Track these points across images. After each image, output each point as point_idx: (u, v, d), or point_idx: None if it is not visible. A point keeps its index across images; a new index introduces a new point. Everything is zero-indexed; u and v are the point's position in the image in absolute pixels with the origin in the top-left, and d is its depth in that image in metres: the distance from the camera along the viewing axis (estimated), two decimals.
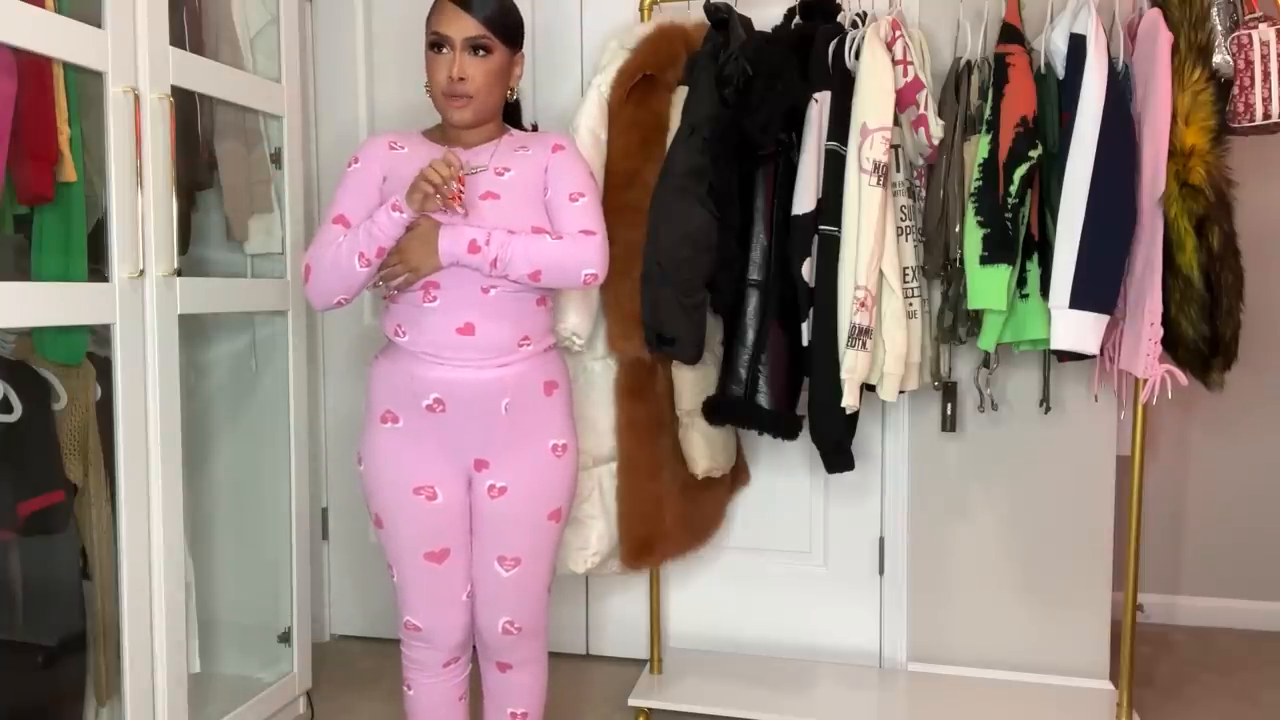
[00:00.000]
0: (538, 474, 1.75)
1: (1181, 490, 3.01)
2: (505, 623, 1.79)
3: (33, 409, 1.85)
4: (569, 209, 1.72)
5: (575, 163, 1.78)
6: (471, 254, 1.62)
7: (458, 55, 1.67)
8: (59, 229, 1.81)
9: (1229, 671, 2.67)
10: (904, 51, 1.99)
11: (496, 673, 1.87)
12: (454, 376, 1.67)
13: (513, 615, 1.79)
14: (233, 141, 2.28)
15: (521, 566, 1.77)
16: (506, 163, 1.74)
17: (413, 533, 1.74)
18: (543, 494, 1.76)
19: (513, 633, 1.80)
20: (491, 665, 1.87)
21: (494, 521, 1.74)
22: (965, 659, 2.50)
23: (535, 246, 1.65)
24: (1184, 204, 1.90)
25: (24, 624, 1.91)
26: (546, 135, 1.82)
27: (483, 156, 1.74)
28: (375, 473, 1.75)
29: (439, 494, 1.73)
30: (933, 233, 2.11)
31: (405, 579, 1.77)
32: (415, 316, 1.69)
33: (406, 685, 1.85)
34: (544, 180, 1.75)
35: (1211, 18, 1.89)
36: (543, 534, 1.78)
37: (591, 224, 1.71)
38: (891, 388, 1.99)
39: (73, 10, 1.71)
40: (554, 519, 1.79)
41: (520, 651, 1.84)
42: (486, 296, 1.67)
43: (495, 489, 1.73)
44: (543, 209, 1.73)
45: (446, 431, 1.71)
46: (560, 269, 1.66)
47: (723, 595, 2.66)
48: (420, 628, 1.79)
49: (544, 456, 1.75)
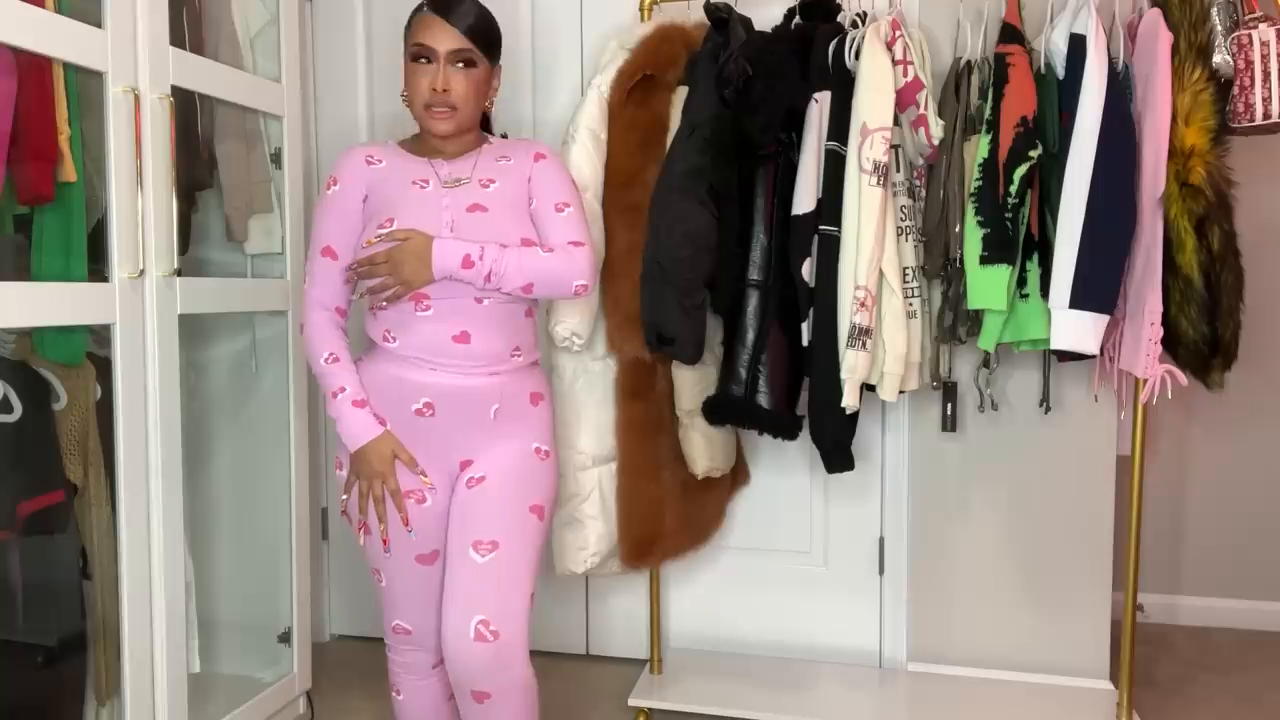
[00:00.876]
0: (519, 467, 1.73)
1: (1181, 490, 3.01)
2: (479, 624, 1.58)
3: (33, 409, 1.85)
4: (556, 220, 1.72)
5: (558, 172, 1.78)
6: (465, 269, 1.62)
7: (441, 67, 1.66)
8: (59, 229, 1.81)
9: (1229, 671, 2.67)
10: (904, 51, 1.99)
11: (474, 705, 1.62)
12: (447, 382, 1.67)
13: (487, 614, 1.59)
14: (233, 141, 2.28)
15: (499, 553, 1.64)
16: (490, 174, 1.74)
17: (404, 536, 1.72)
18: (524, 484, 1.72)
19: (488, 638, 1.58)
20: (466, 697, 1.63)
21: (471, 505, 1.69)
22: (965, 659, 2.50)
23: (528, 260, 1.65)
24: (1184, 204, 1.90)
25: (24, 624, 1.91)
26: (527, 144, 1.82)
27: (464, 168, 1.74)
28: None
29: (427, 497, 1.72)
30: (933, 233, 2.11)
31: (394, 582, 1.76)
32: (406, 323, 1.68)
33: (395, 691, 1.84)
34: (528, 190, 1.75)
35: (1211, 18, 1.89)
36: (524, 523, 1.69)
37: (579, 235, 1.72)
38: (891, 388, 1.99)
39: (73, 10, 1.71)
40: (536, 513, 1.72)
41: (499, 673, 1.60)
42: (480, 306, 1.67)
43: (475, 479, 1.71)
44: (528, 219, 1.73)
45: (434, 435, 1.70)
46: (553, 281, 1.67)
47: (723, 595, 2.66)
48: (410, 630, 1.78)
49: (527, 455, 1.74)
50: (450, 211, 1.68)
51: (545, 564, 1.90)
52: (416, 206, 1.68)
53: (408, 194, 1.70)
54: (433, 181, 1.72)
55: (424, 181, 1.72)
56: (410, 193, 1.71)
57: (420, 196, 1.70)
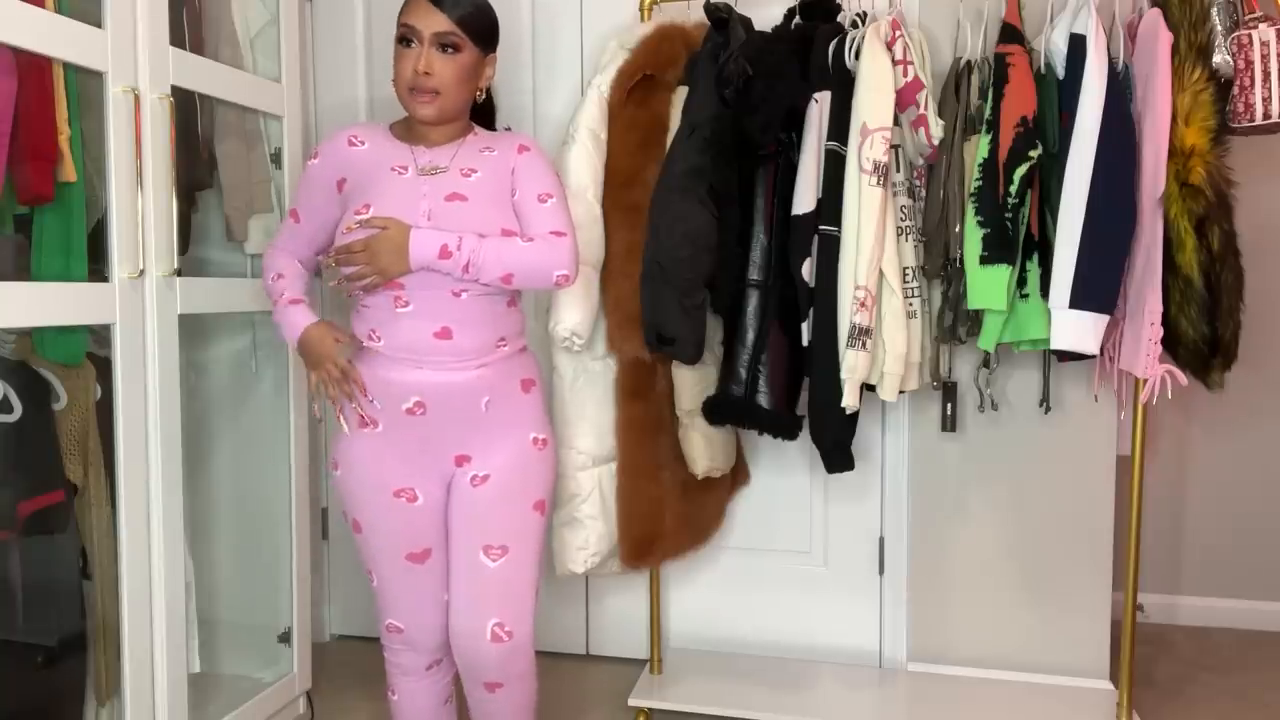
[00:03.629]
0: (520, 463, 1.74)
1: (1181, 490, 3.01)
2: (495, 626, 1.68)
3: (33, 409, 1.85)
4: (538, 210, 1.71)
5: (542, 164, 1.77)
6: (443, 259, 1.61)
7: (425, 50, 1.66)
8: (59, 229, 1.81)
9: (1229, 671, 2.67)
10: (904, 51, 1.99)
11: (485, 694, 1.74)
12: (435, 379, 1.67)
13: (502, 617, 1.68)
14: (233, 141, 2.28)
15: (509, 556, 1.70)
16: (472, 164, 1.73)
17: (394, 535, 1.73)
18: (526, 482, 1.74)
19: (504, 639, 1.68)
20: (478, 686, 1.73)
21: (478, 508, 1.71)
22: (965, 659, 2.50)
23: (507, 250, 1.64)
24: (1184, 204, 1.90)
25: (24, 624, 1.90)
26: (512, 136, 1.81)
27: (444, 156, 1.73)
28: (354, 478, 1.73)
29: (419, 495, 1.72)
30: (933, 233, 2.11)
31: (386, 581, 1.76)
32: (388, 321, 1.68)
33: (391, 691, 1.84)
34: (511, 182, 1.74)
35: (1211, 18, 1.89)
36: (528, 523, 1.74)
37: (561, 225, 1.71)
38: (891, 388, 1.99)
39: (73, 10, 1.71)
40: (538, 510, 1.76)
41: (512, 664, 1.71)
42: (458, 300, 1.66)
43: (478, 478, 1.72)
44: (510, 210, 1.72)
45: (427, 432, 1.70)
46: (532, 271, 1.66)
47: (723, 595, 2.66)
48: (403, 629, 1.78)
49: (526, 447, 1.75)
50: (428, 200, 1.67)
51: (545, 564, 1.91)
52: (393, 193, 1.68)
53: (386, 179, 1.70)
54: (411, 168, 1.72)
55: (402, 168, 1.72)
56: (388, 178, 1.70)
57: (398, 183, 1.70)
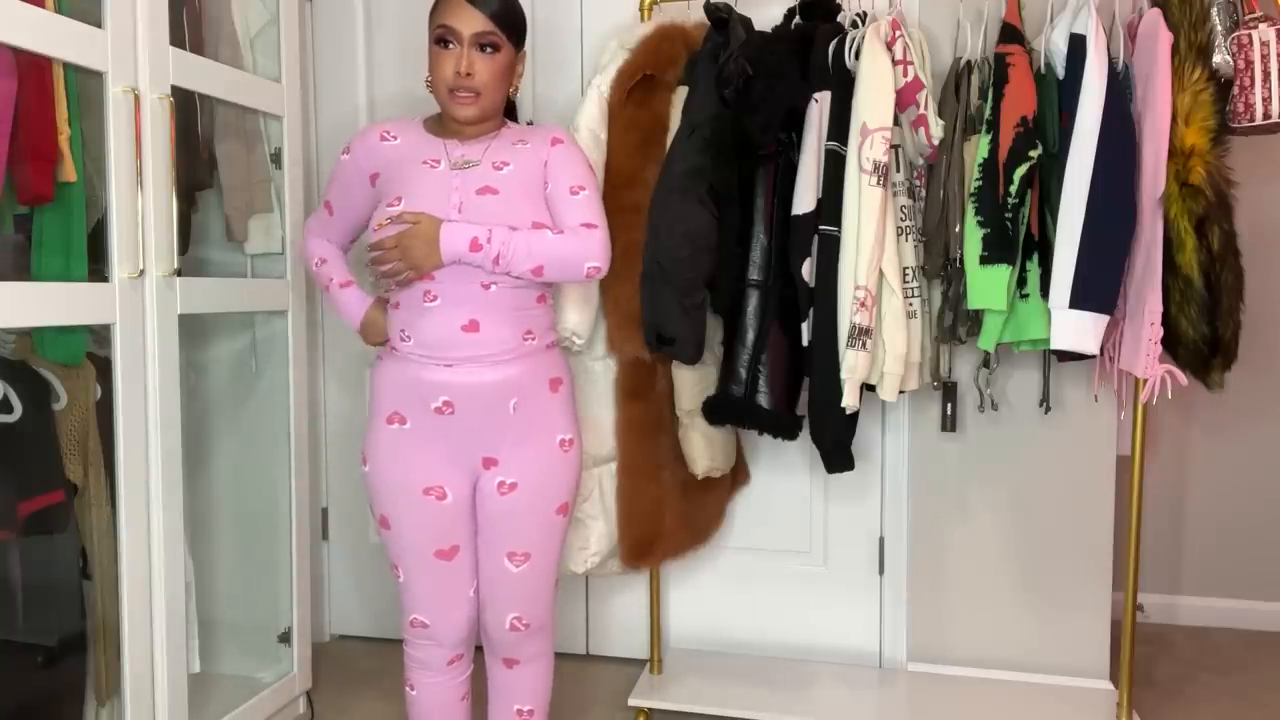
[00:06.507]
0: (546, 469, 1.76)
1: (1181, 490, 3.01)
2: (514, 619, 1.79)
3: (33, 409, 1.85)
4: (570, 202, 1.72)
5: (575, 156, 1.78)
6: (474, 251, 1.62)
7: (465, 51, 1.66)
8: (59, 229, 1.81)
9: (1229, 671, 2.67)
10: (904, 51, 1.99)
11: (503, 669, 1.87)
12: (462, 380, 1.68)
13: (521, 611, 1.79)
14: (233, 141, 2.28)
15: (531, 562, 1.77)
16: (505, 157, 1.74)
17: (423, 532, 1.74)
18: (551, 489, 1.77)
19: (520, 629, 1.80)
20: (498, 661, 1.87)
21: (504, 518, 1.75)
22: (965, 659, 2.50)
23: (537, 242, 1.65)
24: (1184, 204, 1.90)
25: (24, 624, 1.90)
26: (544, 128, 1.82)
27: (477, 150, 1.74)
28: (383, 474, 1.75)
29: (448, 494, 1.73)
30: (933, 233, 2.11)
31: (413, 577, 1.77)
32: (417, 319, 1.69)
33: (409, 685, 1.85)
34: (543, 174, 1.74)
35: (1211, 18, 1.89)
36: (551, 529, 1.78)
37: (593, 217, 1.71)
38: (891, 388, 1.99)
39: (73, 10, 1.71)
40: (561, 513, 1.79)
41: (528, 647, 1.83)
42: (488, 293, 1.67)
43: (505, 485, 1.74)
44: (543, 203, 1.73)
45: (455, 432, 1.71)
46: (563, 263, 1.67)
47: (723, 595, 2.66)
48: (428, 624, 1.78)
49: (552, 452, 1.76)
50: (459, 193, 1.68)
51: None
52: (425, 186, 1.69)
53: (417, 173, 1.71)
54: (443, 162, 1.72)
55: (434, 161, 1.73)
56: (420, 172, 1.71)
57: (429, 176, 1.70)
